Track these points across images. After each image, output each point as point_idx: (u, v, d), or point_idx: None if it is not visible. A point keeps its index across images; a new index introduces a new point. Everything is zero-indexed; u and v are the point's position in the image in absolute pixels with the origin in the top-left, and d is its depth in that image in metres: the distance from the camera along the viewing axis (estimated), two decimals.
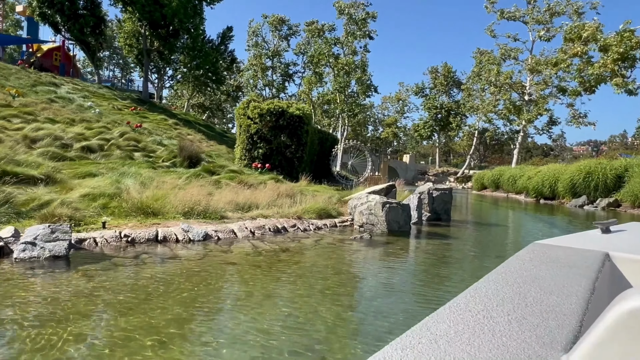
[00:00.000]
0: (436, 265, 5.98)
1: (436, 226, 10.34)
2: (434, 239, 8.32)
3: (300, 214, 8.58)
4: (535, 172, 28.74)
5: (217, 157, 21.19)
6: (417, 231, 9.32)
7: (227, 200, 8.70)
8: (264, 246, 6.49)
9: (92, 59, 31.15)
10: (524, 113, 37.21)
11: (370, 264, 6.00)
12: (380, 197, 8.48)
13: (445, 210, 11.56)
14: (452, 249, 7.40)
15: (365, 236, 7.50)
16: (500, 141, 69.15)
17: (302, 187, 15.76)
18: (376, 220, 8.26)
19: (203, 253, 5.76)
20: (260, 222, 7.52)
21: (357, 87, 47.85)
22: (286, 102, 21.49)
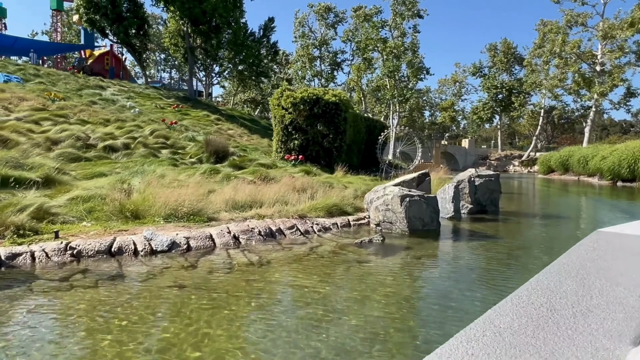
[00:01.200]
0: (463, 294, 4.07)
1: (478, 221, 8.57)
2: (469, 242, 6.63)
3: (305, 212, 7.25)
4: (611, 151, 25.20)
5: (254, 151, 20.32)
6: (450, 230, 7.64)
7: (225, 198, 7.57)
8: (241, 258, 5.25)
9: (139, 60, 31.60)
10: (596, 85, 32.87)
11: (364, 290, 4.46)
12: (400, 188, 6.93)
13: (492, 200, 9.69)
14: (490, 257, 5.70)
15: (375, 239, 6.02)
16: (571, 119, 63.14)
17: (336, 179, 14.41)
18: (394, 218, 6.74)
19: (157, 270, 4.62)
20: (252, 224, 6.28)
21: (408, 70, 45.31)
22: (322, 89, 20.13)
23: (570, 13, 34.45)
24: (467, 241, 6.68)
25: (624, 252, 1.42)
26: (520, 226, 8.40)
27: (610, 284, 1.03)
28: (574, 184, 25.73)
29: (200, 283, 4.25)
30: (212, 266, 4.87)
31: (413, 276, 4.70)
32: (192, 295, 3.89)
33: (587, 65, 35.22)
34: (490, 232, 7.32)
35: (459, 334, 0.76)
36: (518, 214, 10.15)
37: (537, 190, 21.68)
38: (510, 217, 9.38)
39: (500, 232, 7.45)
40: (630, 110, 38.91)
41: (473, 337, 0.72)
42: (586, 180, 27.93)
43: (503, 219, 9.04)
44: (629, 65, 32.47)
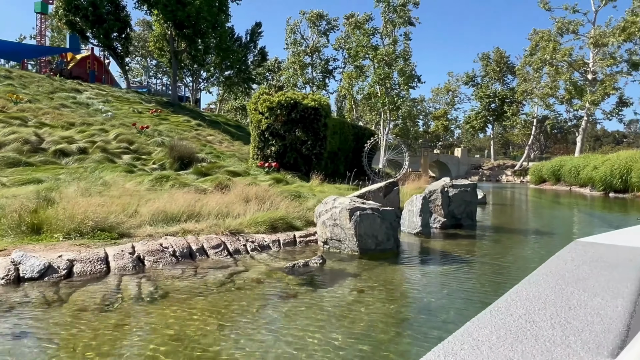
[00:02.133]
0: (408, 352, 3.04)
1: (450, 238, 7.48)
2: (430, 267, 5.52)
3: (244, 226, 6.14)
4: (603, 161, 24.25)
5: (230, 158, 19.24)
6: (412, 249, 6.53)
7: (154, 209, 6.45)
8: (133, 288, 4.13)
9: (121, 64, 30.53)
10: (588, 94, 31.96)
11: (269, 347, 3.20)
12: (352, 200, 5.83)
13: (468, 213, 8.61)
14: (453, 290, 4.56)
15: (313, 262, 4.91)
16: (564, 129, 62.44)
17: (308, 188, 13.33)
18: (343, 235, 5.63)
19: (3, 308, 3.50)
20: (166, 242, 5.17)
21: (399, 78, 44.49)
22: (301, 93, 19.11)
23: (562, 21, 33.66)
24: (428, 266, 5.56)
25: (602, 262, 1.37)
26: (498, 245, 7.30)
27: (588, 295, 1.02)
28: (565, 195, 24.73)
29: (42, 331, 3.13)
30: (85, 301, 3.75)
31: (344, 322, 3.55)
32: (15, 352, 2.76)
33: (579, 73, 34.38)
34: (461, 252, 6.21)
35: (436, 347, 0.74)
36: (498, 229, 9.05)
37: (525, 201, 20.66)
38: (488, 233, 8.29)
39: (472, 253, 6.35)
40: (623, 120, 37.98)
41: (451, 351, 0.71)
42: (578, 190, 26.96)
43: (479, 235, 7.96)
44: (621, 74, 31.64)
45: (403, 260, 5.64)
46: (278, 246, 5.93)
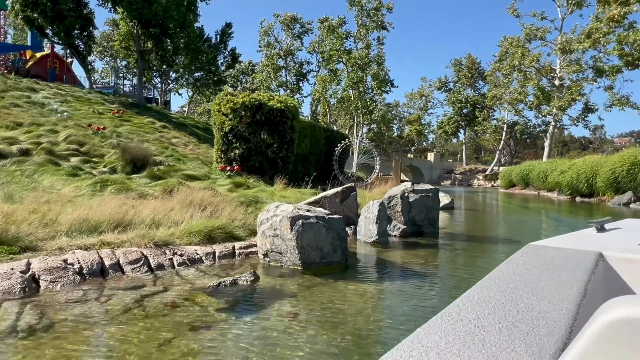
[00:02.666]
0: None
1: (409, 247, 6.92)
2: (381, 283, 4.88)
3: (175, 237, 5.41)
4: (569, 166, 24.40)
5: (193, 161, 18.35)
6: (363, 262, 5.92)
7: (74, 218, 5.65)
8: (9, 318, 3.37)
9: (83, 63, 29.15)
10: (555, 99, 32.35)
11: None
12: (295, 208, 5.19)
13: (430, 219, 8.09)
14: (405, 315, 3.99)
15: (244, 279, 4.24)
16: (533, 135, 63.61)
17: (269, 193, 12.63)
18: (284, 247, 4.98)
19: None
20: (72, 258, 4.41)
21: (372, 82, 44.32)
22: (267, 94, 18.41)
23: (530, 27, 34.06)
24: (378, 282, 4.94)
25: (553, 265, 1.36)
26: (460, 254, 6.77)
27: (536, 298, 1.02)
28: (534, 199, 24.76)
29: None
30: None
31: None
32: None
33: (547, 79, 34.83)
34: (418, 264, 5.64)
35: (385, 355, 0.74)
36: (461, 236, 8.56)
37: (494, 206, 20.47)
38: (450, 241, 7.78)
39: (431, 265, 5.79)
40: (588, 126, 38.64)
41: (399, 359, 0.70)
42: (546, 195, 27.10)
43: (441, 244, 7.43)
44: (586, 80, 32.16)
45: (351, 276, 5.02)
46: (212, 259, 5.23)
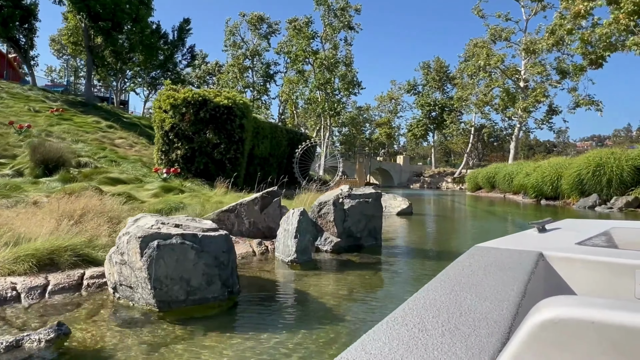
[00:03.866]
0: None
1: (339, 267, 5.51)
2: (281, 334, 3.43)
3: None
4: (534, 168, 23.71)
5: (133, 162, 16.54)
6: (265, 291, 4.44)
7: None
8: None
9: (24, 57, 26.76)
10: (520, 101, 31.85)
11: None
12: (158, 221, 3.71)
13: (371, 229, 6.72)
14: None
15: (35, 341, 2.71)
16: (500, 138, 63.89)
17: (204, 198, 11.04)
18: (134, 279, 3.46)
19: None
20: None
21: (339, 83, 43.16)
22: (213, 90, 16.82)
23: (495, 28, 33.57)
24: (268, 330, 3.44)
25: (497, 266, 1.34)
26: (399, 278, 5.37)
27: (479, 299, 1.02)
28: (499, 202, 23.95)
29: None
30: None
31: None
32: None
33: (512, 81, 34.39)
34: (339, 298, 4.17)
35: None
36: (410, 250, 7.22)
37: (457, 210, 19.43)
38: (393, 257, 6.41)
39: (358, 298, 4.32)
40: (553, 128, 38.36)
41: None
42: (511, 197, 26.41)
43: (383, 261, 6.05)
44: (550, 82, 31.78)
45: (231, 321, 3.54)
46: (40, 296, 3.66)
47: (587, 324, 0.64)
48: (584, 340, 0.63)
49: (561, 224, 2.20)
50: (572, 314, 0.66)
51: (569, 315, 0.65)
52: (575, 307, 0.67)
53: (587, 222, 2.39)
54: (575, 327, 0.64)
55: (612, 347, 0.62)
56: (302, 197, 12.35)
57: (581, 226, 2.16)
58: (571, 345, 0.64)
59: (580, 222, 2.37)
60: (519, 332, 0.70)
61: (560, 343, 0.64)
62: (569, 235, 1.85)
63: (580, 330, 0.64)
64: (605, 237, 1.83)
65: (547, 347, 0.65)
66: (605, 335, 0.62)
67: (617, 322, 0.62)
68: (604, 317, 0.63)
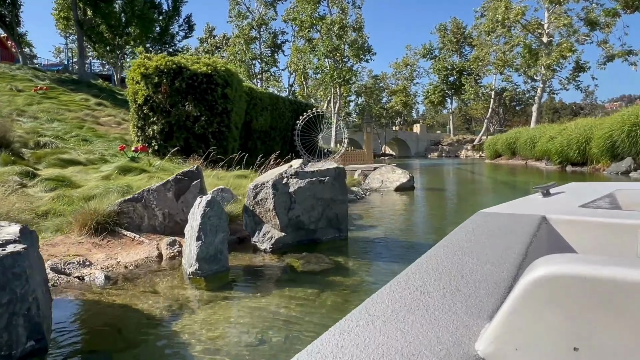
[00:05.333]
0: None
1: (265, 283, 3.79)
2: None
3: None
4: (559, 131, 21.23)
5: (111, 142, 15.08)
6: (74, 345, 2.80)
7: None
8: None
9: (12, 34, 25.38)
10: (543, 57, 28.72)
11: None
12: None
13: (330, 219, 4.96)
14: None
15: None
16: (522, 101, 60.09)
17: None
18: None
19: None
20: None
21: (348, 49, 40.57)
22: (193, 57, 15.01)
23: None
24: None
25: (500, 230, 1.34)
26: (352, 300, 3.62)
27: (480, 262, 1.03)
28: (520, 170, 21.71)
29: None
30: None
31: None
32: None
33: (534, 36, 31.00)
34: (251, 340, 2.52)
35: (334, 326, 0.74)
36: (387, 244, 5.40)
37: (470, 182, 17.37)
38: (361, 258, 4.66)
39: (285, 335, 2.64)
40: (580, 87, 34.80)
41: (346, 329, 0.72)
42: (533, 164, 24.05)
43: (341, 268, 4.29)
44: (577, 34, 28.44)
45: None
46: None
47: (580, 280, 0.64)
48: (577, 295, 0.64)
49: (565, 188, 2.20)
50: (565, 270, 0.66)
51: (562, 272, 0.66)
52: (568, 264, 0.68)
53: (592, 185, 2.34)
54: (568, 284, 0.65)
55: (603, 302, 0.62)
56: None
57: (586, 189, 2.15)
58: (564, 301, 0.65)
59: (585, 185, 2.36)
60: (515, 290, 0.70)
61: (554, 299, 0.65)
62: (573, 198, 1.82)
63: (573, 287, 0.64)
64: (609, 199, 1.81)
65: (540, 304, 0.66)
66: (597, 291, 0.63)
67: (609, 277, 0.63)
68: (595, 273, 0.63)
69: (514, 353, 0.68)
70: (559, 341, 0.65)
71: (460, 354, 0.68)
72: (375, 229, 6.05)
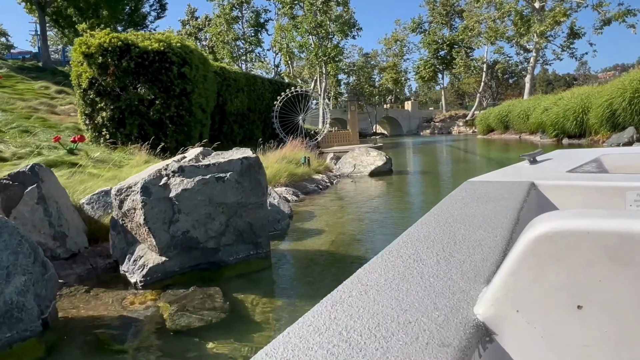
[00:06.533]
0: None
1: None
2: None
3: None
4: (555, 101, 19.70)
5: (60, 132, 13.49)
6: None
7: None
8: None
9: None
10: (535, 24, 26.82)
11: None
12: None
13: (240, 231, 3.48)
14: None
15: None
16: (515, 74, 58.14)
17: (96, 175, 7.96)
18: None
19: None
20: None
21: (333, 25, 38.49)
22: (142, 33, 13.29)
23: None
24: None
25: (489, 198, 1.33)
26: None
27: (472, 228, 1.04)
28: (514, 145, 20.26)
29: None
30: None
31: None
32: None
33: (525, 2, 28.92)
34: None
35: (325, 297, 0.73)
36: (331, 260, 3.94)
37: (458, 161, 15.90)
38: (279, 298, 3.20)
39: None
40: (575, 55, 32.81)
41: (338, 300, 0.71)
42: (528, 138, 22.61)
43: (243, 318, 2.82)
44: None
45: None
46: None
47: (582, 234, 0.63)
48: (580, 250, 0.63)
49: (552, 155, 2.24)
50: (567, 225, 0.65)
51: (564, 227, 0.64)
52: (569, 219, 0.66)
53: (578, 152, 2.39)
54: (570, 238, 0.64)
55: (607, 255, 0.62)
56: None
57: (572, 155, 2.18)
58: (567, 256, 0.64)
59: (571, 152, 2.39)
60: (514, 250, 0.69)
61: (556, 255, 0.64)
62: (560, 164, 1.85)
63: (576, 241, 0.63)
64: (596, 163, 1.83)
65: (542, 260, 0.65)
66: (600, 244, 0.62)
67: (611, 229, 0.62)
68: (598, 226, 0.63)
69: (515, 315, 0.66)
70: (562, 300, 0.63)
71: (459, 319, 0.65)
72: (322, 237, 4.56)
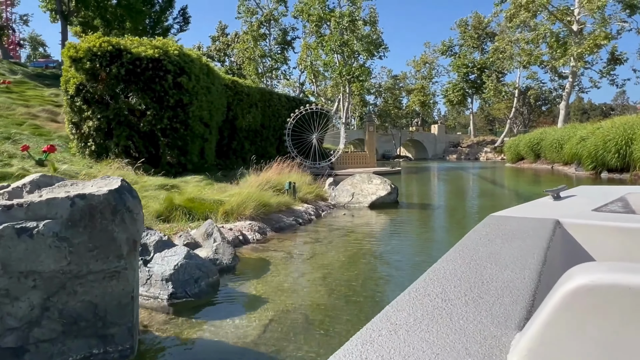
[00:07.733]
0: None
1: None
2: None
3: None
4: (593, 130, 17.69)
5: (50, 141, 12.61)
6: None
7: None
8: None
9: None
10: (573, 46, 24.80)
11: None
12: None
13: (73, 318, 2.00)
14: None
15: None
16: (549, 101, 55.49)
17: None
18: None
19: None
20: None
21: (358, 44, 37.48)
22: (137, 38, 12.37)
23: None
24: None
25: (514, 234, 1.29)
26: None
27: (499, 268, 1.01)
28: (546, 176, 18.28)
29: None
30: None
31: None
32: None
33: (562, 24, 26.95)
34: None
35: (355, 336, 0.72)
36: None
37: (482, 193, 14.10)
38: None
39: None
40: (616, 81, 30.26)
41: (368, 339, 0.70)
42: (561, 169, 20.53)
43: None
44: (614, 19, 24.32)
45: None
46: None
47: (623, 289, 0.61)
48: (620, 306, 0.61)
49: (576, 191, 2.18)
50: (607, 279, 0.63)
51: (604, 281, 0.63)
52: (609, 273, 0.65)
53: (602, 189, 2.33)
54: (610, 293, 0.62)
55: None
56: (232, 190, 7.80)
57: (596, 192, 2.13)
58: (607, 311, 0.62)
59: (595, 189, 2.34)
60: (550, 300, 0.67)
61: (595, 309, 0.62)
62: (585, 202, 1.80)
63: (616, 296, 0.62)
64: (622, 202, 1.78)
65: (581, 314, 0.63)
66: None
67: None
68: None
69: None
70: (602, 356, 0.61)
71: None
72: (253, 316, 2.93)
